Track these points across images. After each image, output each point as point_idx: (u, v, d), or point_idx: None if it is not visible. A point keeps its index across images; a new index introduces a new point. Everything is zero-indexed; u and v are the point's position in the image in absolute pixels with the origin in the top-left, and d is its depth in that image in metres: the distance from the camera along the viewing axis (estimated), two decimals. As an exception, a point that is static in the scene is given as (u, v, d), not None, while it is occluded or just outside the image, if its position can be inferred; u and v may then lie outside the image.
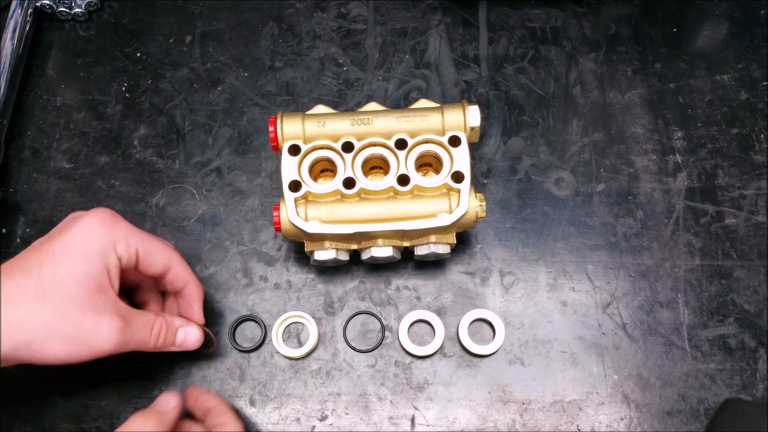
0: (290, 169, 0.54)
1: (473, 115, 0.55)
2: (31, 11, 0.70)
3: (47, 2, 0.71)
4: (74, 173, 0.66)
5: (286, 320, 0.59)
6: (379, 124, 0.55)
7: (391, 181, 0.54)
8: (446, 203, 0.54)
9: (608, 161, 0.66)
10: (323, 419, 0.56)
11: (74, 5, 0.72)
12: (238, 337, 0.59)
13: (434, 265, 0.61)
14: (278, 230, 0.54)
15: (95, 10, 0.74)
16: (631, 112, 0.68)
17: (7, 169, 0.66)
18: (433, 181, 0.55)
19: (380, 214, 0.54)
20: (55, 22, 0.73)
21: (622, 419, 0.56)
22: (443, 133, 0.55)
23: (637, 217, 0.63)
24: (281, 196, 0.54)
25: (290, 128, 0.55)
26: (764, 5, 0.73)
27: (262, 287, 0.61)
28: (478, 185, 0.65)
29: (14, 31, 0.68)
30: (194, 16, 0.73)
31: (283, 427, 0.56)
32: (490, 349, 0.58)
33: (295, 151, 0.55)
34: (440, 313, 0.60)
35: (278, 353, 0.58)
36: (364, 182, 0.54)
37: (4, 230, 0.63)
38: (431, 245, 0.55)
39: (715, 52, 0.71)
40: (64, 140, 0.67)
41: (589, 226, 0.63)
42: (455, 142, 0.55)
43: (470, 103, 0.55)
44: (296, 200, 0.54)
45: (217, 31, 0.73)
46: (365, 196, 0.55)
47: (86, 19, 0.73)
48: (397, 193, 0.55)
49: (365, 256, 0.56)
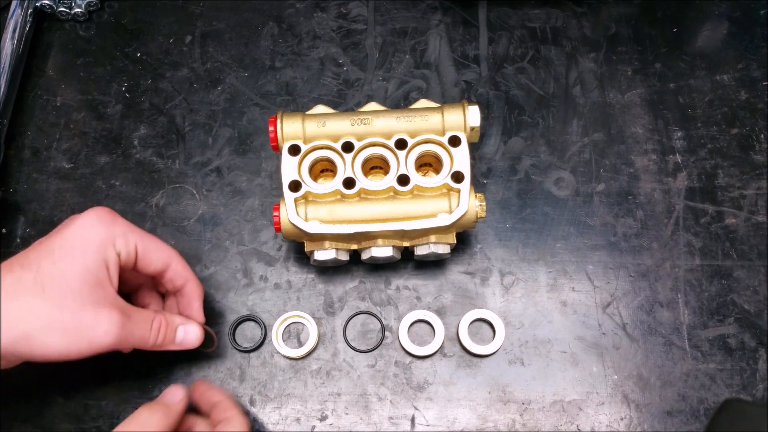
0: (290, 169, 0.54)
1: (473, 115, 0.55)
2: (31, 11, 0.70)
3: (47, 2, 0.71)
4: (74, 173, 0.66)
5: (286, 320, 0.59)
6: (379, 124, 0.55)
7: (391, 181, 0.54)
8: (446, 203, 0.54)
9: (608, 161, 0.66)
10: (323, 419, 0.56)
11: (74, 5, 0.72)
12: (238, 337, 0.59)
13: (434, 265, 0.61)
14: (278, 230, 0.54)
15: (95, 10, 0.74)
16: (631, 112, 0.68)
17: (7, 169, 0.66)
18: (433, 181, 0.55)
19: (380, 214, 0.54)
20: (55, 22, 0.73)
21: (622, 419, 0.56)
22: (443, 133, 0.55)
23: (637, 217, 0.63)
24: (281, 196, 0.54)
25: (290, 128, 0.55)
26: (764, 5, 0.73)
27: (262, 287, 0.61)
28: (478, 185, 0.65)
29: (14, 31, 0.68)
30: (194, 16, 0.73)
31: (283, 427, 0.56)
32: (490, 349, 0.58)
33: (295, 151, 0.55)
34: (440, 313, 0.60)
35: (278, 353, 0.58)
36: (364, 182, 0.54)
37: (4, 230, 0.63)
38: (431, 245, 0.55)
39: (715, 52, 0.71)
40: (64, 140, 0.67)
41: (589, 226, 0.63)
42: (455, 142, 0.55)
43: (470, 103, 0.55)
44: (296, 200, 0.54)
45: (217, 31, 0.73)
46: (365, 196, 0.55)
47: (86, 19, 0.73)
48: (397, 193, 0.55)
49: (365, 256, 0.56)
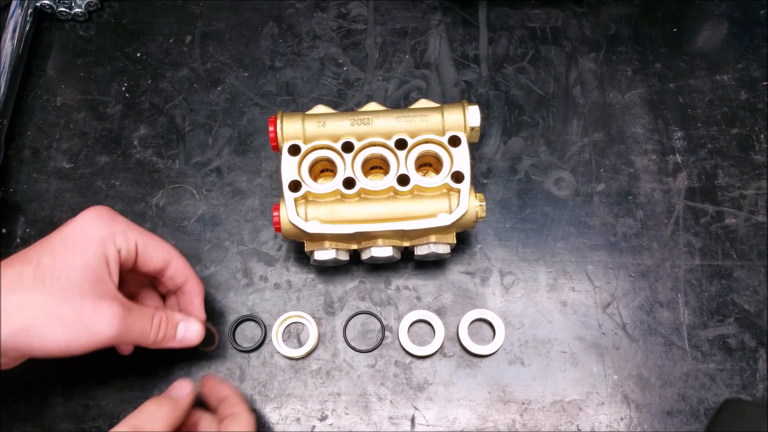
0: (290, 169, 0.54)
1: (473, 115, 0.55)
2: (31, 11, 0.70)
3: (47, 2, 0.71)
4: (74, 173, 0.66)
5: (286, 320, 0.59)
6: (379, 124, 0.55)
7: (391, 181, 0.54)
8: (446, 203, 0.54)
9: (608, 161, 0.66)
10: (323, 419, 0.56)
11: (74, 5, 0.72)
12: (238, 337, 0.59)
13: (434, 265, 0.61)
14: (278, 230, 0.54)
15: (95, 10, 0.74)
16: (631, 112, 0.68)
17: (7, 169, 0.66)
18: (433, 181, 0.54)
19: (380, 214, 0.54)
20: (55, 22, 0.73)
21: (622, 419, 0.56)
22: (443, 133, 0.55)
23: (637, 217, 0.63)
24: (281, 196, 0.54)
25: (290, 128, 0.55)
26: (764, 5, 0.73)
27: (262, 287, 0.61)
28: (478, 185, 0.65)
29: (14, 31, 0.68)
30: (194, 16, 0.73)
31: (283, 427, 0.56)
32: (490, 349, 0.58)
33: (295, 151, 0.55)
34: (440, 313, 0.60)
35: (278, 353, 0.58)
36: (364, 182, 0.54)
37: (4, 230, 0.63)
38: (431, 245, 0.55)
39: (715, 52, 0.71)
40: (64, 140, 0.67)
41: (589, 226, 0.63)
42: (455, 142, 0.55)
43: (470, 103, 0.55)
44: (296, 200, 0.54)
45: (217, 31, 0.73)
46: (365, 196, 0.55)
47: (86, 19, 0.73)
48: (397, 193, 0.55)
49: (365, 256, 0.56)
